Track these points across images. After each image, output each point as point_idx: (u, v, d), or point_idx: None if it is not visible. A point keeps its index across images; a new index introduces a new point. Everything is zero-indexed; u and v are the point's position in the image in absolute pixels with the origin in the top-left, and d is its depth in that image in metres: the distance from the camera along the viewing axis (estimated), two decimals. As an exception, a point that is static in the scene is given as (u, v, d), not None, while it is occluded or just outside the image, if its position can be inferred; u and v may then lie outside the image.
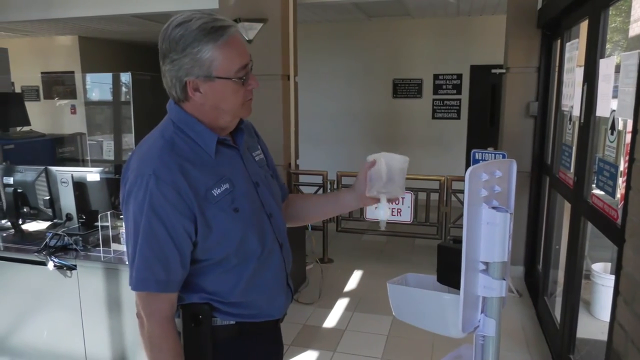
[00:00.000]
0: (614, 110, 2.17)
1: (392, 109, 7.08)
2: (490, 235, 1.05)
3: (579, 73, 2.68)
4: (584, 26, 2.77)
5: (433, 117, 6.98)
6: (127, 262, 2.38)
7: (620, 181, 2.06)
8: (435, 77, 6.88)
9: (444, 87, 6.88)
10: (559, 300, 3.05)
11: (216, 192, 1.12)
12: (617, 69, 2.10)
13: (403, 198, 4.27)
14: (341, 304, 3.74)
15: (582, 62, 2.63)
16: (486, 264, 1.08)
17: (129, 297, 2.39)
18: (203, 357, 1.19)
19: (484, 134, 6.64)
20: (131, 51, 9.06)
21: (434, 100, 6.94)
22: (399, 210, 4.28)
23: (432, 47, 6.80)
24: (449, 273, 1.13)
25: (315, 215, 1.55)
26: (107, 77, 6.48)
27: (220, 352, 1.20)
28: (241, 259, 1.17)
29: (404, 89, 7.01)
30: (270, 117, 4.08)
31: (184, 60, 1.08)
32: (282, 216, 1.33)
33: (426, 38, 6.80)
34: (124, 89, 6.30)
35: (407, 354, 3.03)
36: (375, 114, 7.07)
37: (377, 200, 1.31)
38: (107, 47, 8.42)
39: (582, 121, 2.55)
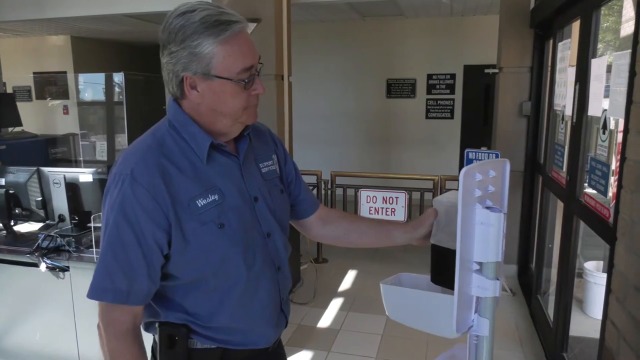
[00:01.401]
0: (605, 110, 2.19)
1: (386, 108, 7.10)
2: (484, 235, 1.05)
3: (571, 73, 2.70)
4: (576, 26, 2.79)
5: (427, 117, 7.01)
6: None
7: (612, 180, 2.08)
8: (429, 77, 6.91)
9: (438, 87, 6.90)
10: (552, 299, 3.07)
11: (201, 202, 1.01)
12: (609, 68, 2.12)
13: (397, 198, 4.28)
14: (335, 304, 3.74)
15: (574, 62, 2.65)
16: (480, 264, 1.08)
17: (123, 299, 2.38)
18: None
19: (477, 133, 6.66)
20: (124, 51, 9.02)
21: (427, 100, 6.96)
22: (393, 210, 4.29)
23: (426, 47, 6.82)
24: (442, 273, 1.13)
25: (359, 243, 1.34)
26: (100, 77, 6.45)
27: None
28: (221, 280, 1.06)
29: (398, 88, 7.03)
30: (264, 117, 4.07)
31: (182, 54, 0.98)
32: (284, 237, 1.19)
33: (420, 38, 6.82)
34: (116, 89, 6.27)
35: (401, 353, 3.03)
36: (369, 114, 7.08)
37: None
38: (99, 47, 8.38)
39: (574, 121, 2.57)
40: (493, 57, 4.45)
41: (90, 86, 7.06)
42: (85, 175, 2.67)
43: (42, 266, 2.38)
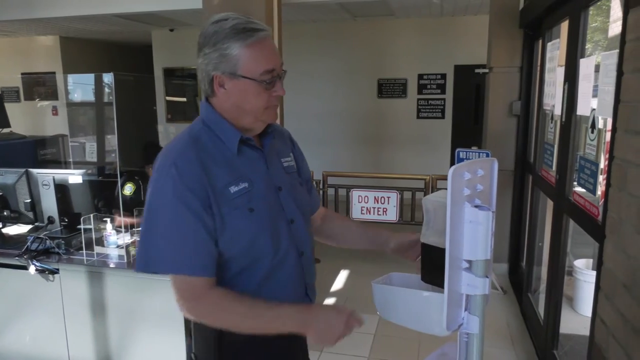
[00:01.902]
0: (594, 109, 2.21)
1: (377, 108, 7.11)
2: (473, 233, 1.06)
3: (560, 72, 2.72)
4: (564, 26, 2.81)
5: (418, 117, 7.03)
6: (111, 265, 2.36)
7: (601, 178, 2.09)
8: (420, 76, 6.93)
9: (429, 86, 6.93)
10: (542, 297, 3.09)
11: (233, 189, 1.13)
12: (597, 68, 2.14)
13: (389, 197, 4.29)
14: (327, 303, 3.74)
15: (563, 62, 2.67)
16: (469, 262, 1.08)
17: (113, 301, 2.36)
18: (209, 354, 1.21)
19: (468, 133, 6.70)
20: (114, 51, 8.96)
21: (418, 99, 6.99)
22: (385, 210, 4.30)
23: (417, 47, 6.85)
24: (432, 272, 1.13)
25: (351, 244, 1.47)
26: (89, 77, 6.40)
27: (230, 356, 1.20)
28: (252, 259, 1.17)
29: (389, 88, 7.04)
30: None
31: (214, 55, 1.12)
32: (306, 225, 1.30)
33: (411, 38, 6.84)
34: (106, 90, 6.23)
35: (394, 352, 3.04)
36: (361, 114, 7.09)
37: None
38: (89, 48, 8.31)
39: (563, 120, 2.59)
40: (483, 57, 4.48)
41: (80, 87, 7.00)
42: (74, 177, 2.65)
43: (32, 269, 2.36)
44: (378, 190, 4.36)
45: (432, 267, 1.13)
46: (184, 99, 7.71)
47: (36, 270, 2.36)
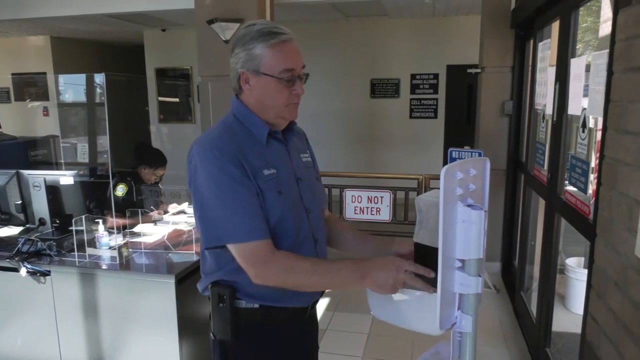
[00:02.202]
0: (585, 109, 2.22)
1: (370, 108, 7.12)
2: (465, 232, 1.06)
3: (551, 72, 2.74)
4: (555, 26, 2.83)
5: (410, 117, 7.05)
6: (103, 267, 2.35)
7: (592, 177, 2.11)
8: (413, 76, 6.95)
9: (421, 86, 6.95)
10: (535, 295, 3.11)
11: (265, 172, 1.25)
12: (588, 68, 2.16)
13: (382, 197, 4.30)
14: (322, 304, 3.74)
15: (554, 62, 2.69)
16: (462, 261, 1.09)
17: (106, 302, 2.34)
18: (226, 332, 1.30)
19: (460, 132, 6.73)
20: (105, 52, 8.90)
21: (411, 99, 7.01)
22: (378, 210, 4.31)
23: (409, 47, 6.86)
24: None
25: (344, 249, 1.54)
26: (81, 78, 6.36)
27: (246, 335, 1.30)
28: (276, 236, 1.25)
29: (382, 88, 7.06)
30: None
31: (242, 54, 1.26)
32: (321, 216, 1.41)
33: (403, 38, 6.86)
34: (98, 90, 6.19)
35: (387, 352, 3.05)
36: (354, 114, 7.10)
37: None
38: (80, 48, 8.25)
39: (554, 119, 2.61)
40: (475, 57, 4.50)
41: (71, 87, 6.95)
42: (66, 178, 2.63)
43: (23, 271, 2.33)
44: (371, 190, 4.37)
45: (426, 266, 1.13)
46: (177, 100, 7.67)
47: (27, 272, 2.34)
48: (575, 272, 3.39)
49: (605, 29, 2.81)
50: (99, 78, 5.96)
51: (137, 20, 6.33)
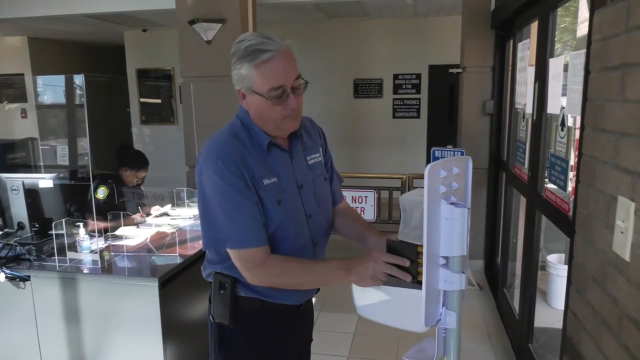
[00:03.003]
0: (563, 108, 2.26)
1: (354, 108, 7.14)
2: (449, 230, 1.08)
3: (531, 72, 2.78)
4: (534, 26, 2.88)
5: (394, 117, 7.09)
6: (85, 271, 2.31)
7: (571, 175, 2.15)
8: (395, 76, 6.99)
9: (404, 86, 6.99)
10: (517, 292, 3.15)
11: (266, 181, 1.30)
12: (566, 67, 2.20)
13: (366, 197, 4.32)
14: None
15: (534, 62, 2.73)
16: (446, 258, 1.10)
17: (88, 307, 2.31)
18: (225, 317, 1.38)
19: (443, 132, 6.78)
20: (85, 52, 8.76)
21: (394, 99, 7.05)
22: (362, 209, 4.32)
23: (392, 48, 6.90)
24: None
25: (348, 238, 1.59)
26: (60, 79, 6.25)
27: (243, 321, 1.38)
28: (275, 241, 1.32)
29: (365, 89, 7.09)
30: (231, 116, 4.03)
31: (234, 72, 1.30)
32: (322, 218, 1.46)
33: (385, 38, 6.90)
34: (78, 92, 6.09)
35: (373, 350, 3.06)
36: (337, 114, 7.11)
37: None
38: (58, 49, 8.11)
39: (534, 118, 2.65)
40: (457, 57, 4.55)
41: (50, 89, 6.83)
42: (45, 181, 2.59)
43: (1, 276, 2.29)
44: (356, 190, 4.38)
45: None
46: (159, 101, 7.59)
47: (6, 277, 2.30)
48: (556, 268, 3.45)
49: (583, 29, 2.86)
50: (79, 79, 5.87)
51: (117, 21, 6.25)
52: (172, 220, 3.10)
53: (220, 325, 1.41)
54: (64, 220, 2.38)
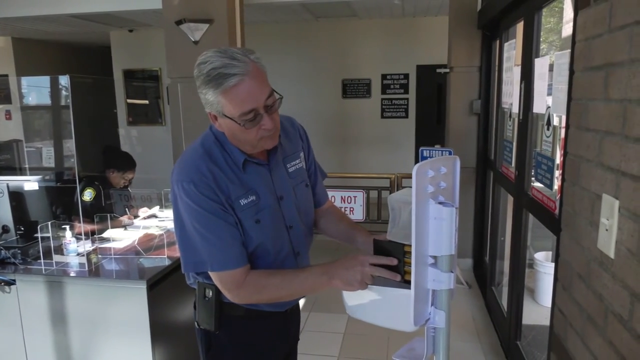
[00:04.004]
0: (549, 107, 2.29)
1: (342, 109, 7.15)
2: (437, 229, 1.08)
3: (517, 72, 2.81)
4: (520, 27, 2.91)
5: (382, 117, 7.11)
6: (71, 274, 2.28)
7: (557, 174, 2.17)
8: (383, 77, 7.01)
9: (392, 86, 7.02)
10: (505, 290, 3.18)
11: (243, 202, 1.26)
12: (552, 67, 2.22)
13: (355, 197, 4.32)
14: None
15: (519, 61, 2.76)
16: (435, 257, 1.10)
17: (75, 311, 2.28)
18: (210, 324, 1.37)
19: (431, 131, 6.82)
20: (70, 53, 8.66)
21: (382, 99, 7.07)
22: (352, 209, 4.33)
23: (380, 48, 6.92)
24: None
25: (335, 238, 1.56)
26: (45, 80, 6.16)
27: (228, 327, 1.37)
28: (255, 257, 1.30)
29: (353, 89, 7.10)
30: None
31: (201, 96, 1.22)
32: (304, 226, 1.43)
33: (373, 38, 6.92)
34: (63, 93, 6.02)
35: (363, 350, 3.07)
36: (326, 114, 7.12)
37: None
38: (43, 49, 8.01)
39: (520, 118, 2.67)
40: (444, 57, 4.58)
41: (35, 90, 6.74)
42: (30, 184, 2.55)
43: (-14, 280, 2.25)
44: (344, 190, 4.39)
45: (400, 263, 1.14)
46: (146, 102, 7.53)
47: (-9, 282, 2.26)
48: (544, 266, 3.49)
49: (568, 29, 2.90)
50: (64, 80, 5.79)
51: (103, 21, 6.19)
52: (160, 222, 3.08)
53: (206, 331, 1.40)
54: (50, 223, 2.35)
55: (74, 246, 2.42)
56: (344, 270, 1.18)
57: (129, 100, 7.51)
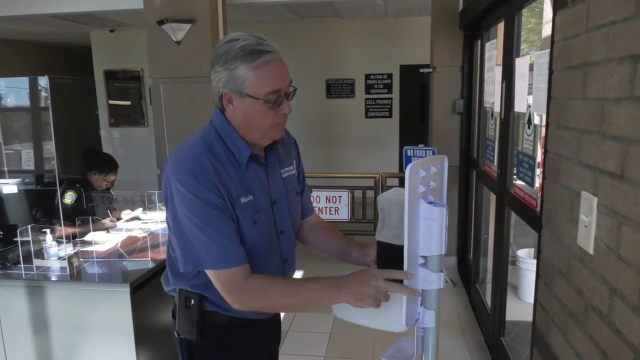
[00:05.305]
0: (530, 106, 2.32)
1: (326, 109, 7.16)
2: (428, 229, 1.08)
3: (498, 71, 2.84)
4: (501, 27, 2.94)
5: (366, 116, 7.14)
6: (52, 279, 2.24)
7: (538, 172, 2.21)
8: (367, 77, 7.04)
9: (376, 86, 7.05)
10: (489, 287, 3.22)
11: (243, 200, 1.23)
12: (532, 67, 2.25)
13: (340, 197, 4.33)
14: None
15: (501, 61, 2.79)
16: (425, 257, 1.11)
17: (57, 316, 2.25)
18: (192, 334, 1.32)
19: (414, 131, 6.87)
20: (49, 53, 8.52)
21: (366, 99, 7.10)
22: (337, 209, 4.34)
23: (363, 48, 6.95)
24: (387, 268, 1.15)
25: (327, 254, 1.53)
26: (23, 81, 6.04)
27: (210, 335, 1.33)
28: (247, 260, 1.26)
29: (337, 89, 7.11)
30: (204, 120, 3.98)
31: (223, 74, 1.19)
32: (293, 233, 1.41)
33: (357, 39, 6.94)
34: (42, 94, 5.91)
35: (350, 350, 3.07)
36: (310, 115, 7.12)
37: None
38: (22, 49, 7.86)
39: (502, 117, 2.71)
40: (427, 57, 4.61)
41: (13, 91, 6.60)
42: (9, 187, 2.51)
43: (-36, 286, 2.20)
44: (329, 190, 4.39)
45: (387, 264, 1.14)
46: (128, 103, 7.43)
47: (-31, 287, 2.21)
48: (526, 262, 3.53)
49: (547, 29, 2.95)
50: (43, 81, 5.68)
51: (83, 21, 6.09)
52: (144, 224, 3.04)
53: (188, 341, 1.36)
54: (29, 226, 2.30)
55: (55, 250, 2.38)
56: (358, 284, 1.11)
57: (111, 102, 7.41)
